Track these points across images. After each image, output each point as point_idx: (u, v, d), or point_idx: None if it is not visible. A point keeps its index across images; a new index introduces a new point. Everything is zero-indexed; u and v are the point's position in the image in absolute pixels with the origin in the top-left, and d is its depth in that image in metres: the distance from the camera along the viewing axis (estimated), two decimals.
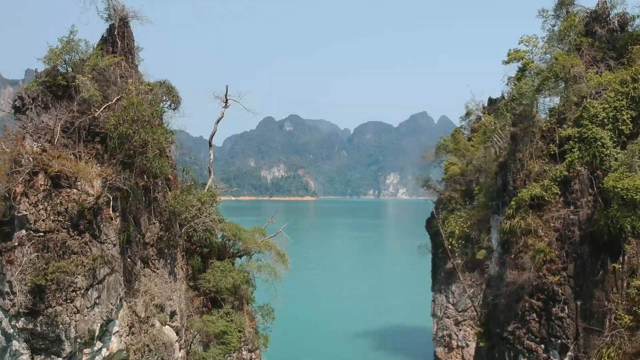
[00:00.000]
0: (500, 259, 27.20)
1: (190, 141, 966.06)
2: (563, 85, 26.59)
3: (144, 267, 21.96)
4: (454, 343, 49.31)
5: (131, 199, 20.67)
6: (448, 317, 48.60)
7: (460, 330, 48.72)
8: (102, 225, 19.15)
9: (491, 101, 51.32)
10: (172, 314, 22.62)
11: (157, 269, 22.32)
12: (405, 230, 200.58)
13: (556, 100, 27.71)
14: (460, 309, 47.25)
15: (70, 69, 21.36)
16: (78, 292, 18.15)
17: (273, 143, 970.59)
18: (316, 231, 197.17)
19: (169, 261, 22.90)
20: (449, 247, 43.53)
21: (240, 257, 27.15)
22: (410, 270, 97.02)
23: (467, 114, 50.48)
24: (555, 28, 29.11)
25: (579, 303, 23.38)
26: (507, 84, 30.46)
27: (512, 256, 25.52)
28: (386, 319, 67.96)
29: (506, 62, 29.98)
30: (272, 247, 26.80)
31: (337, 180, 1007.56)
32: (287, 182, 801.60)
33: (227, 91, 30.45)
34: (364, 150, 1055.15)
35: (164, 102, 23.73)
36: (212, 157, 27.91)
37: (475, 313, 45.52)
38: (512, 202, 26.04)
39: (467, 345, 47.71)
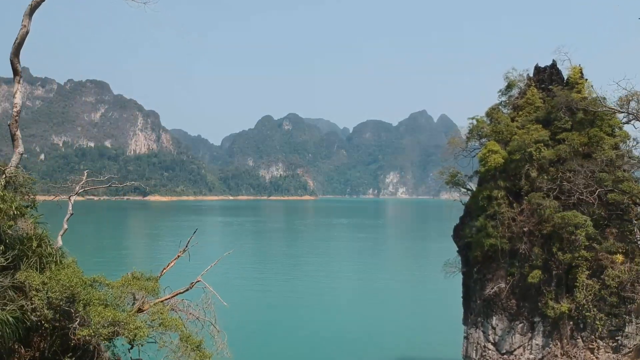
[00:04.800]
0: None
1: (188, 140, 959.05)
2: None
3: None
4: None
5: None
6: None
7: None
8: None
9: (539, 70, 38.74)
10: None
11: None
12: (412, 232, 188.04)
13: None
14: (504, 351, 34.52)
15: None
16: None
17: (272, 142, 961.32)
18: (315, 233, 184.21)
19: None
20: None
21: (110, 339, 11.01)
22: (428, 287, 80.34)
23: (508, 87, 37.75)
24: None
25: None
26: None
27: None
28: (401, 356, 51.61)
29: None
30: (169, 325, 11.09)
31: (336, 179, 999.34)
32: (286, 182, 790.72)
33: None
34: (364, 149, 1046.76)
35: None
36: (18, 101, 11.18)
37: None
38: None
39: None
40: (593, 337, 31.52)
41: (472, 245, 35.31)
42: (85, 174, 13.80)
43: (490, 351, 34.79)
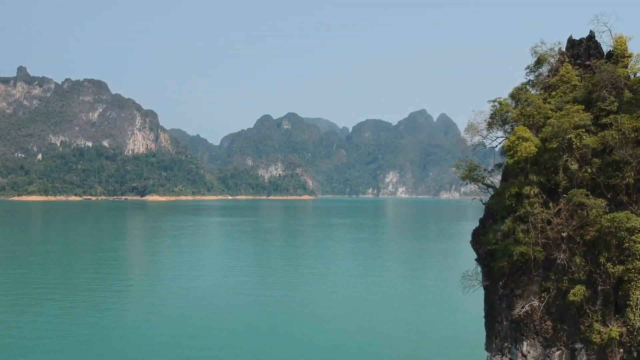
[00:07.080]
0: None
1: (187, 139, 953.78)
2: None
3: None
4: None
5: None
6: None
7: None
8: None
9: (573, 43, 32.54)
10: None
11: None
12: (414, 232, 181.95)
13: None
14: None
15: None
16: None
17: (271, 142, 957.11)
18: (314, 233, 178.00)
19: None
20: None
21: None
22: (438, 301, 68.94)
23: (537, 63, 31.58)
24: None
25: None
26: None
27: None
28: None
29: None
30: None
31: (335, 179, 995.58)
32: (285, 181, 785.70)
33: None
34: (363, 149, 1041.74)
35: None
36: None
37: None
38: None
39: None
40: None
41: (496, 253, 29.15)
42: None
43: None
